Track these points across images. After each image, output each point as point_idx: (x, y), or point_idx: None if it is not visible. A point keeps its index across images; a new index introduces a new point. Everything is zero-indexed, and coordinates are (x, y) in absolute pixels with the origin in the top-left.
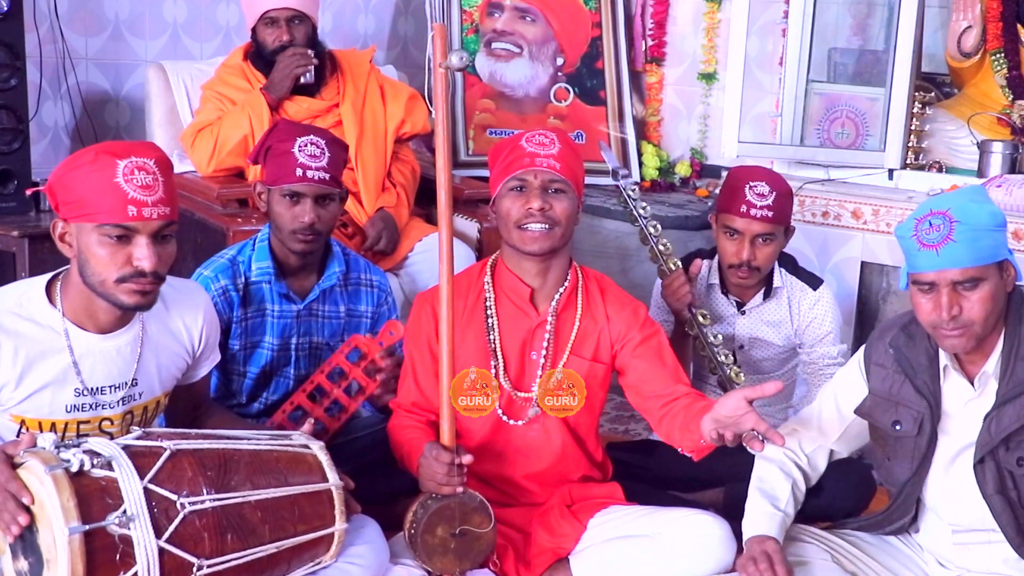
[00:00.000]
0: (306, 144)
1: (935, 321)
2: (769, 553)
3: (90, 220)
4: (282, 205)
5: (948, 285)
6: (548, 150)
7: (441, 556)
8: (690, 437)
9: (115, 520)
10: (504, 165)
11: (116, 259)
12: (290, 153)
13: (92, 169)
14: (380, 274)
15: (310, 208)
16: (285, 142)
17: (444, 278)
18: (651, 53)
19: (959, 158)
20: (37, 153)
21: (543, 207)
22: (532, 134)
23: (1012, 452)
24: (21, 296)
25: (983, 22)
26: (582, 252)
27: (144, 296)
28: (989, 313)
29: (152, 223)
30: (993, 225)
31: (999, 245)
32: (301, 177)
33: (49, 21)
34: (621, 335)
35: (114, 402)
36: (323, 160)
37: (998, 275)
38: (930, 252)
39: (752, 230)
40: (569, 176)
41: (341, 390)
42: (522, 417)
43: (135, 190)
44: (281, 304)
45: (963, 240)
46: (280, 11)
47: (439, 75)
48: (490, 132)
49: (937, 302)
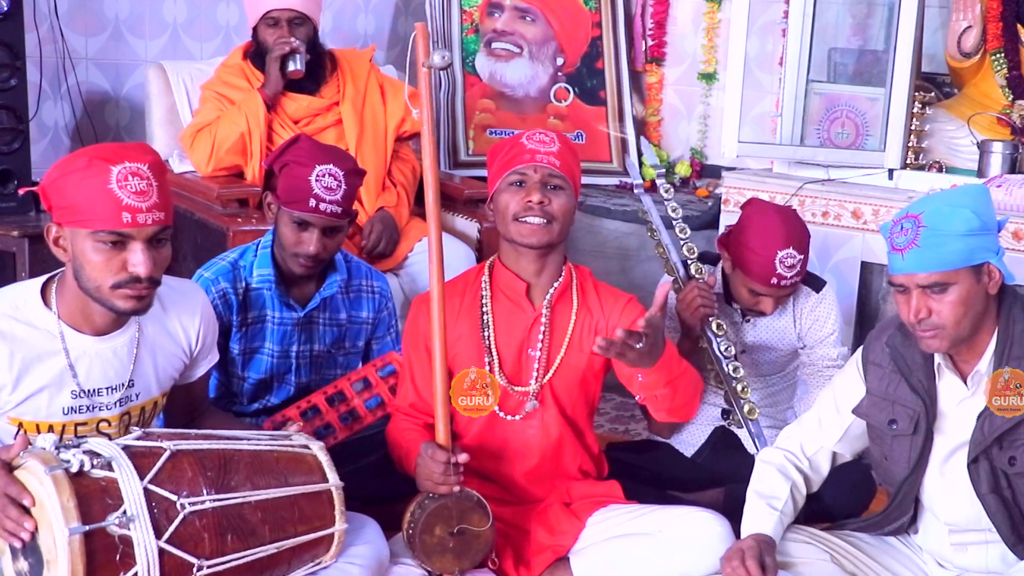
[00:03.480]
0: (324, 174)
1: (909, 322)
2: (743, 549)
3: (84, 226)
4: (289, 228)
5: (916, 288)
6: (548, 147)
7: (440, 555)
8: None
9: (115, 520)
10: (504, 161)
11: (111, 265)
12: (306, 180)
13: (85, 175)
14: (381, 279)
15: (317, 239)
16: (304, 166)
17: (434, 277)
18: (651, 53)
19: (959, 158)
20: (37, 153)
21: (542, 201)
22: (532, 133)
23: (1005, 451)
24: (16, 299)
25: (983, 22)
26: (582, 252)
27: (140, 301)
28: (960, 317)
29: (147, 229)
30: (965, 231)
31: (973, 250)
32: (314, 208)
33: (49, 21)
34: (614, 323)
35: (111, 404)
36: (338, 193)
37: (972, 279)
38: (897, 255)
39: (780, 295)
40: (568, 174)
41: (362, 401)
42: (519, 412)
43: (129, 196)
44: (282, 311)
45: (927, 245)
46: (282, 12)
47: (423, 74)
48: (490, 132)
49: (909, 304)
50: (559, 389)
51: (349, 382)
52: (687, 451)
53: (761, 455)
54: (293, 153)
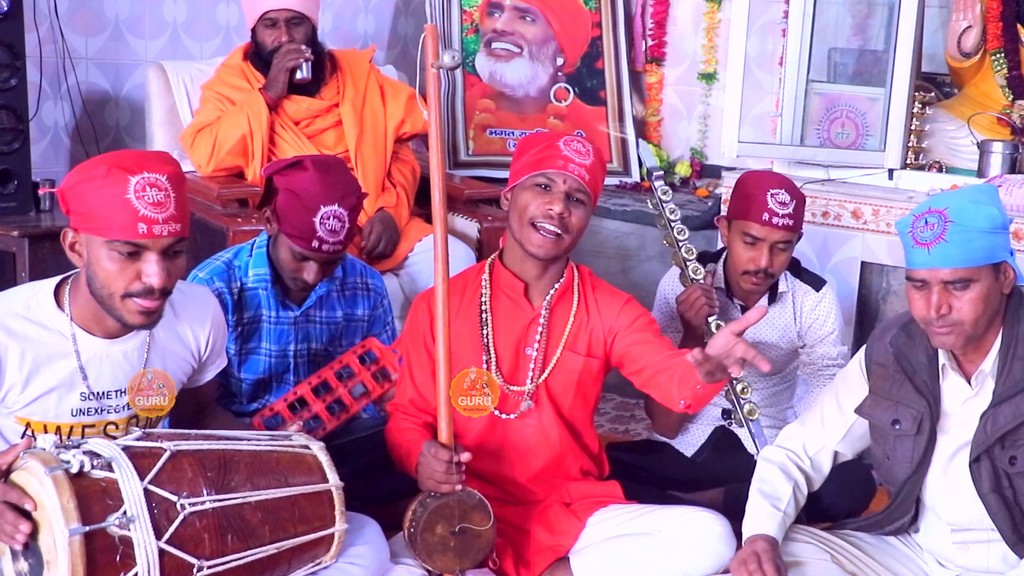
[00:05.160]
0: (328, 216)
1: (925, 318)
2: (758, 552)
3: (100, 234)
4: (288, 254)
5: (939, 284)
6: (582, 159)
7: (441, 555)
8: (687, 385)
9: (115, 521)
10: (535, 159)
11: (125, 274)
12: (310, 222)
13: (104, 183)
14: (376, 277)
15: (316, 271)
16: (308, 208)
17: (439, 276)
18: (651, 53)
19: (959, 158)
20: (37, 153)
21: (563, 212)
22: (570, 139)
23: (1007, 451)
24: (29, 299)
25: (983, 22)
26: (582, 252)
27: (148, 316)
28: (980, 314)
29: (162, 240)
30: (989, 227)
31: (996, 247)
32: (316, 248)
33: (49, 21)
34: (612, 324)
35: (119, 407)
36: (342, 234)
37: (992, 277)
38: (922, 250)
39: (773, 238)
40: (592, 189)
41: (347, 390)
42: (515, 411)
43: (146, 207)
44: (278, 311)
45: (955, 241)
46: (280, 12)
47: (431, 75)
48: (490, 132)
49: (928, 299)
50: (555, 389)
51: (332, 371)
52: (687, 451)
53: (763, 454)
54: (298, 183)
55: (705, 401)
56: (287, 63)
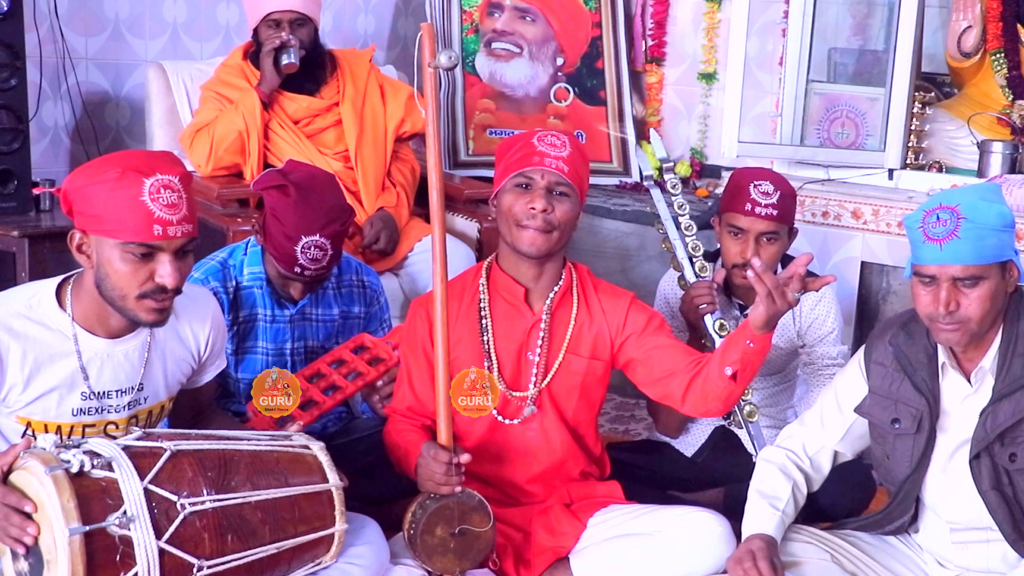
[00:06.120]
0: (309, 247)
1: (932, 314)
2: (753, 551)
3: (113, 236)
4: (275, 271)
5: (948, 280)
6: (558, 152)
7: (441, 556)
8: (734, 348)
9: (115, 521)
10: (512, 161)
11: (138, 275)
12: (292, 250)
13: (117, 186)
14: (372, 274)
15: (300, 289)
16: (290, 238)
17: (437, 277)
18: (651, 53)
19: (959, 158)
20: (37, 153)
21: (546, 208)
22: (544, 134)
23: (1006, 447)
24: (31, 299)
25: (983, 22)
26: (582, 252)
27: (161, 314)
28: (987, 312)
29: (176, 241)
30: (1000, 225)
31: (1004, 245)
32: (299, 274)
33: (49, 21)
34: (620, 327)
35: (120, 406)
36: (324, 261)
37: (1000, 275)
38: (934, 246)
39: (756, 228)
40: (575, 180)
41: (341, 376)
42: (517, 416)
43: (161, 209)
44: (274, 309)
45: (968, 237)
46: (283, 13)
47: (428, 75)
48: (490, 132)
49: (936, 296)
50: (558, 394)
51: (325, 363)
52: (687, 451)
53: (763, 454)
54: (281, 210)
55: (753, 367)
56: (267, 46)
